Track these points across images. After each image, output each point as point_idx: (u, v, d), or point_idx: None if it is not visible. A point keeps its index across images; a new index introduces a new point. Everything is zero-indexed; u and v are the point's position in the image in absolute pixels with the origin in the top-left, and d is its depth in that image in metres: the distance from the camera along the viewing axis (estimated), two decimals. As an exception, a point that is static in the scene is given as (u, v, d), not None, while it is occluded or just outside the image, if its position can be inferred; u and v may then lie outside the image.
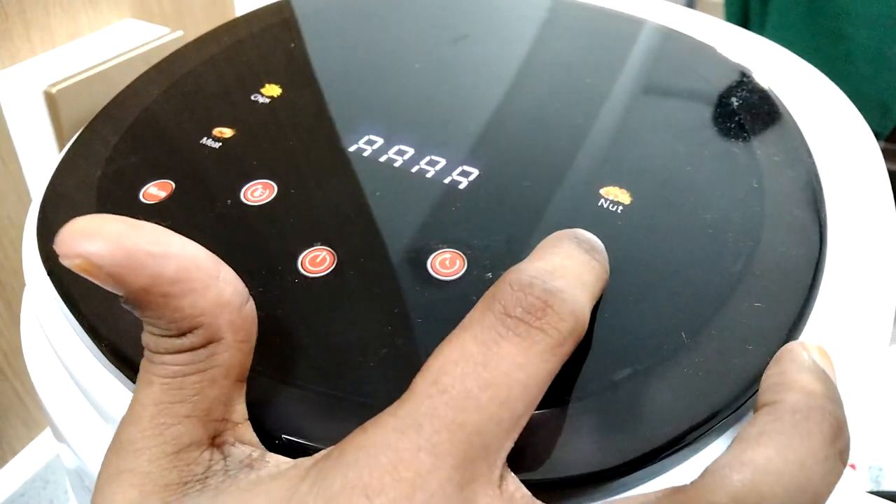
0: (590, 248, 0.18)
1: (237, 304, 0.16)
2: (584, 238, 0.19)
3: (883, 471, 0.73)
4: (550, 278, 0.16)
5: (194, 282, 0.15)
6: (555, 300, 0.16)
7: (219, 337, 0.16)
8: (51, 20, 0.43)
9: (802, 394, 0.16)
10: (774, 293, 0.21)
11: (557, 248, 0.18)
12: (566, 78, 0.30)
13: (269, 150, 0.26)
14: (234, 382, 0.16)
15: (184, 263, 0.15)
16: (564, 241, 0.18)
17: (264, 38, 0.33)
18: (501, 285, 0.16)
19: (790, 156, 0.25)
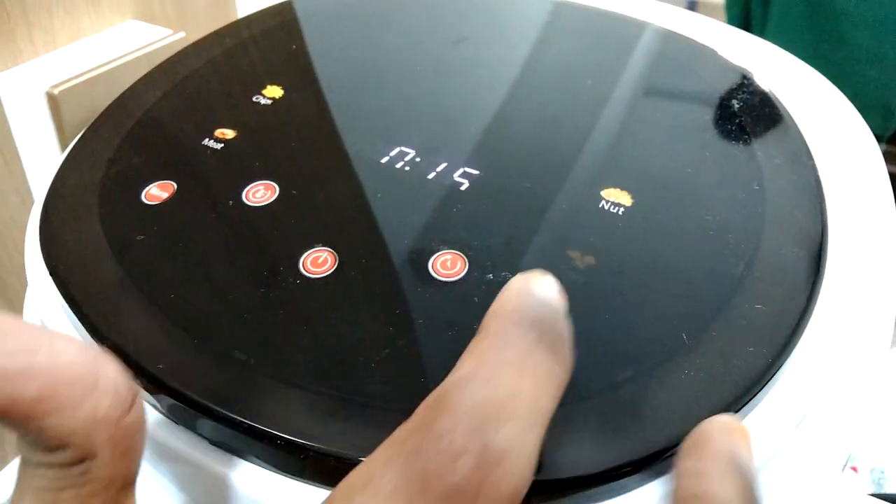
0: (552, 342, 0.15)
1: (115, 418, 0.14)
2: (547, 323, 0.15)
3: (885, 473, 0.73)
4: (494, 431, 0.13)
5: (62, 399, 0.13)
6: (489, 478, 0.13)
7: (93, 454, 0.14)
8: (53, 21, 0.43)
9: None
10: (775, 295, 0.21)
11: (509, 349, 0.14)
12: (567, 80, 0.30)
13: (270, 151, 0.26)
14: (119, 491, 0.15)
15: (49, 380, 0.13)
16: (521, 333, 0.14)
17: (266, 40, 0.33)
18: (425, 441, 0.13)
19: (791, 158, 0.25)
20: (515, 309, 0.15)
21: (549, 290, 0.16)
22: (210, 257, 0.22)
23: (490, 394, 0.13)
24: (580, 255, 0.22)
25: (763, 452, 0.19)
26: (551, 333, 0.15)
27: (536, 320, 0.15)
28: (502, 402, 0.13)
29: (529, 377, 0.14)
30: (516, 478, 0.13)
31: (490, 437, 0.13)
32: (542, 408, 0.14)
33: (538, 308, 0.15)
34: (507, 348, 0.14)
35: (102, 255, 0.22)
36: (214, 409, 0.19)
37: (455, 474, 0.12)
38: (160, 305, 0.21)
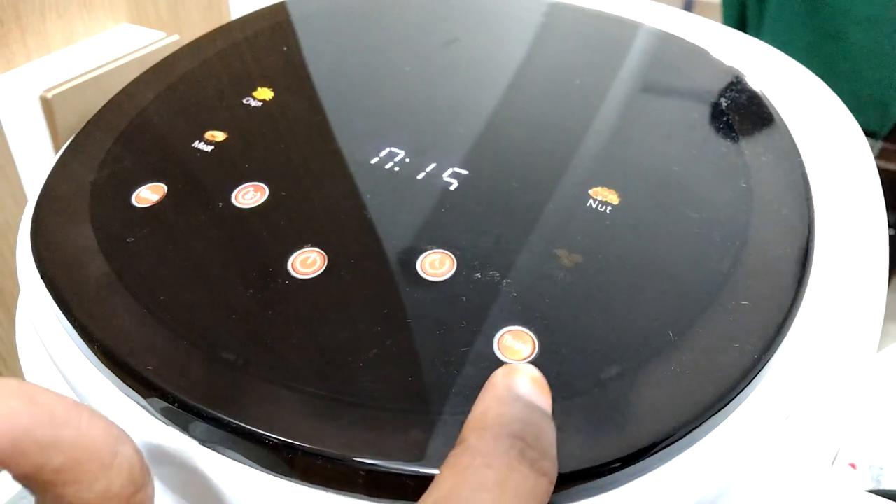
0: (537, 457, 0.15)
1: (127, 495, 0.15)
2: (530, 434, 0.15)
3: (884, 470, 0.73)
4: None
5: (82, 473, 0.14)
6: None
7: None
8: (46, 25, 0.43)
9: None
10: (761, 292, 0.21)
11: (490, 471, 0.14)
12: (557, 80, 0.30)
13: (260, 152, 0.26)
14: None
15: (74, 454, 0.14)
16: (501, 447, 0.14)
17: (258, 42, 0.34)
18: None
19: (778, 156, 0.25)
20: (497, 420, 0.15)
21: (532, 389, 0.16)
22: (200, 259, 0.22)
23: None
24: (567, 253, 0.22)
25: (751, 446, 0.19)
26: (535, 446, 0.15)
27: (519, 434, 0.15)
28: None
29: (509, 499, 0.14)
30: None
31: None
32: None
33: (522, 418, 0.15)
34: (487, 469, 0.14)
35: (93, 258, 0.23)
36: (203, 409, 0.19)
37: None
38: (149, 307, 0.21)
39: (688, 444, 0.18)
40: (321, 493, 0.18)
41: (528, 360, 0.19)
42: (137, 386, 0.20)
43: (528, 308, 0.20)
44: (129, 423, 0.20)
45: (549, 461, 0.15)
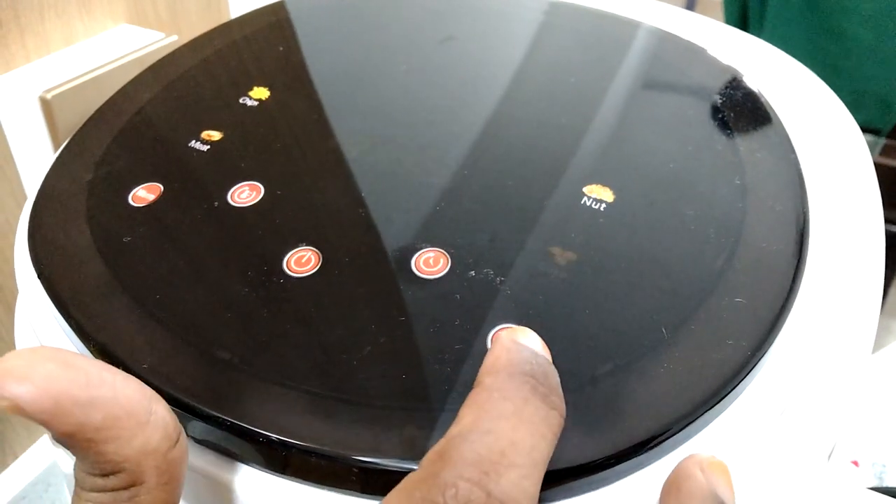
0: (547, 392, 0.16)
1: (164, 450, 0.16)
2: (541, 375, 0.16)
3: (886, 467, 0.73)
4: (496, 479, 0.14)
5: (121, 430, 0.15)
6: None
7: (141, 481, 0.16)
8: (45, 26, 0.43)
9: None
10: (755, 288, 0.21)
11: (507, 402, 0.15)
12: (552, 78, 0.30)
13: (256, 152, 0.26)
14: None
15: (112, 411, 0.15)
16: (517, 385, 0.16)
17: (255, 41, 0.34)
18: (432, 492, 0.14)
19: (773, 153, 0.25)
20: (509, 363, 0.16)
21: (536, 343, 0.18)
22: (195, 258, 0.22)
23: (490, 445, 0.15)
24: (561, 251, 0.22)
25: (746, 441, 0.19)
26: (544, 384, 0.16)
27: (529, 372, 0.16)
28: (502, 452, 0.14)
29: (526, 427, 0.15)
30: None
31: (492, 485, 0.14)
32: (539, 455, 0.15)
33: (530, 361, 0.17)
34: (504, 401, 0.15)
35: (90, 258, 0.23)
36: (198, 408, 0.19)
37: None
38: (146, 306, 0.21)
39: (682, 440, 0.19)
40: (317, 491, 0.18)
41: (522, 357, 0.19)
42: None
43: (522, 305, 0.20)
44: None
45: (558, 397, 0.16)
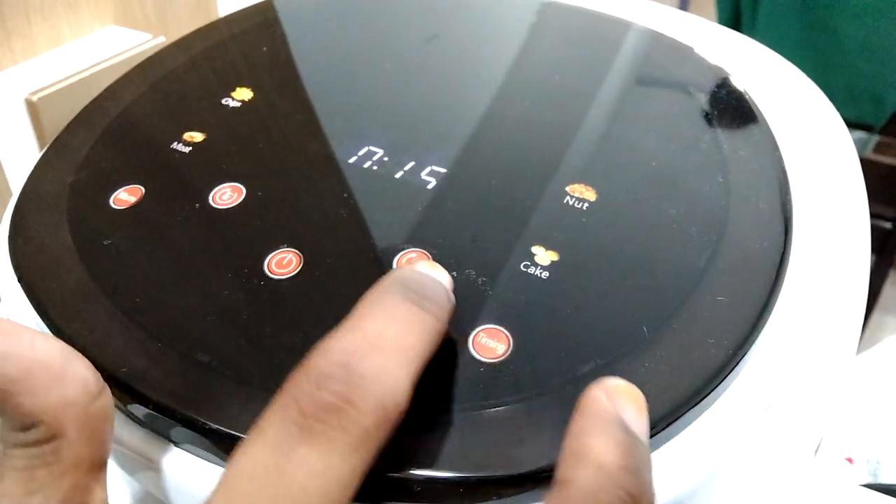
0: (419, 298, 0.17)
1: (83, 403, 0.16)
2: (413, 284, 0.17)
3: (881, 464, 0.73)
4: (358, 361, 0.15)
5: (36, 382, 0.15)
6: (355, 393, 0.15)
7: (61, 434, 0.16)
8: (32, 28, 0.43)
9: (594, 469, 0.14)
10: (737, 287, 0.21)
11: (377, 306, 0.16)
12: (536, 77, 0.30)
13: (238, 153, 0.26)
14: (88, 472, 0.16)
15: (26, 364, 0.15)
16: (389, 293, 0.17)
17: (240, 41, 0.33)
18: (299, 375, 0.15)
19: (757, 150, 0.25)
20: (387, 278, 0.18)
21: (428, 267, 0.18)
22: (175, 261, 0.22)
23: (356, 336, 0.16)
24: (543, 250, 0.22)
25: (728, 437, 0.19)
26: (419, 291, 0.17)
27: (405, 283, 0.17)
28: (367, 342, 0.15)
29: (395, 323, 0.16)
30: (380, 397, 0.15)
31: (354, 364, 0.15)
32: (406, 343, 0.16)
33: (409, 275, 0.18)
34: (375, 305, 0.16)
35: (70, 261, 0.22)
36: (177, 411, 0.19)
37: (323, 393, 0.15)
38: (125, 309, 0.21)
39: (663, 439, 0.18)
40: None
41: (503, 357, 0.19)
42: (112, 388, 0.20)
43: (504, 306, 0.20)
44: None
45: (435, 305, 0.17)
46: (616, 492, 0.14)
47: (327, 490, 0.14)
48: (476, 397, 0.18)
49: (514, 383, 0.19)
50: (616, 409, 0.16)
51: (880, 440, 0.74)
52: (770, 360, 0.21)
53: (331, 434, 0.14)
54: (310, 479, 0.14)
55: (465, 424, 0.18)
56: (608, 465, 0.14)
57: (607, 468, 0.14)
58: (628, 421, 0.15)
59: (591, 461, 0.15)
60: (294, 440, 0.14)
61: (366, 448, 0.15)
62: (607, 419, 0.15)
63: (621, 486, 0.14)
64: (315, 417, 0.14)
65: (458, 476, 0.17)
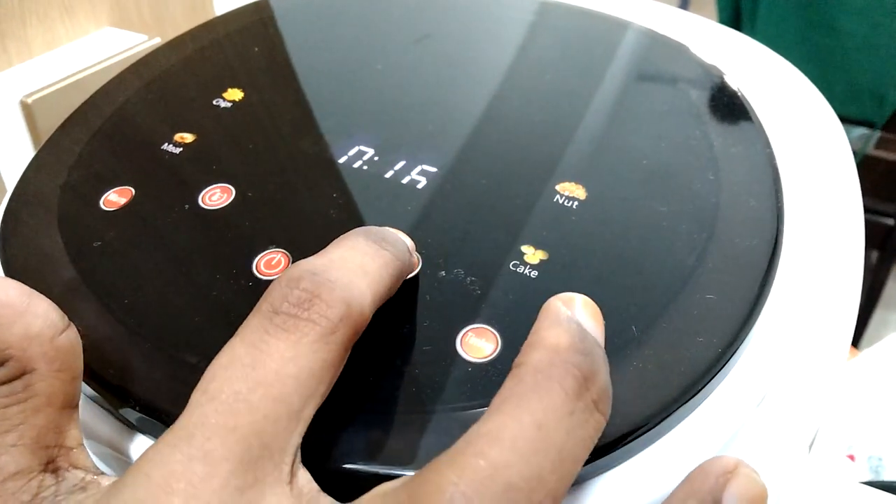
0: (379, 240, 0.18)
1: (48, 336, 0.16)
2: (375, 231, 0.19)
3: (883, 461, 0.73)
4: (324, 270, 0.16)
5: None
6: (322, 289, 0.16)
7: (31, 368, 0.16)
8: (27, 30, 0.43)
9: (546, 351, 0.15)
10: (727, 285, 0.21)
11: (342, 242, 0.18)
12: (528, 76, 0.30)
13: (228, 154, 0.26)
14: (61, 410, 0.17)
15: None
16: (352, 236, 0.18)
17: (234, 41, 0.33)
18: (272, 285, 0.16)
19: (748, 147, 0.25)
20: (354, 229, 0.19)
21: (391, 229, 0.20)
22: (165, 262, 0.22)
23: (322, 258, 0.17)
24: (533, 250, 0.22)
25: (720, 434, 0.19)
26: (378, 235, 0.19)
27: (367, 231, 0.19)
28: (331, 260, 0.17)
29: (356, 252, 0.18)
30: (343, 295, 0.16)
31: (322, 273, 0.16)
32: (368, 268, 0.17)
33: (370, 227, 0.19)
34: (337, 244, 0.18)
35: (60, 262, 0.23)
36: (165, 412, 0.19)
37: (294, 290, 0.16)
38: (114, 311, 0.21)
39: (652, 438, 0.18)
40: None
41: (491, 357, 0.19)
42: (100, 389, 0.20)
43: (492, 305, 0.20)
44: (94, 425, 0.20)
45: (396, 247, 0.19)
46: (567, 367, 0.15)
47: (298, 377, 0.15)
48: (464, 397, 0.18)
49: (502, 383, 0.18)
50: (571, 311, 0.16)
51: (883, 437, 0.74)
52: (762, 356, 0.20)
53: (300, 325, 0.15)
54: (282, 366, 0.15)
55: (452, 424, 0.18)
56: (559, 346, 0.15)
57: (558, 349, 0.15)
58: (581, 320, 0.16)
59: (544, 345, 0.15)
60: (267, 335, 0.15)
61: (333, 340, 0.16)
62: (562, 317, 0.16)
63: (573, 363, 0.15)
64: (286, 312, 0.16)
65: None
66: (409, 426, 0.18)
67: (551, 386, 0.14)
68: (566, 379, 0.14)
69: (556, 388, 0.14)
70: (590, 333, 0.16)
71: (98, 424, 0.20)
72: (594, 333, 0.16)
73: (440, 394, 0.18)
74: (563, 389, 0.14)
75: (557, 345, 0.15)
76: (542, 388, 0.14)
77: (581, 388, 0.14)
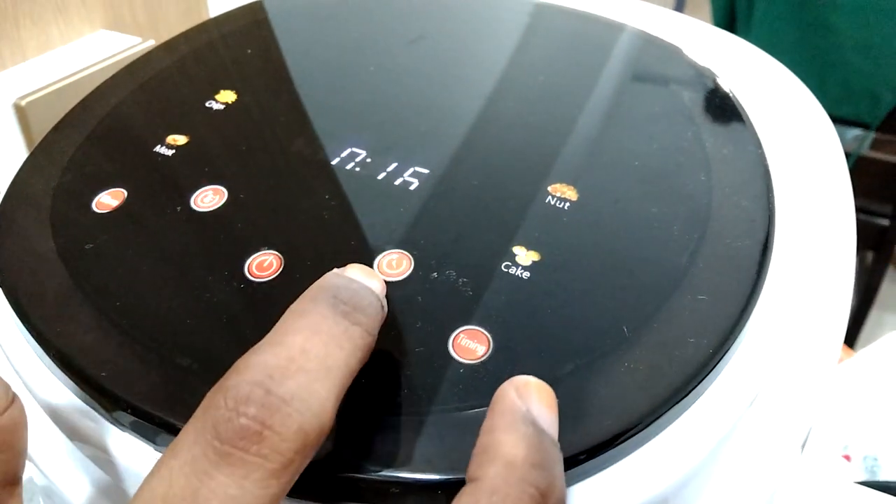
0: (349, 310, 0.16)
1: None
2: (344, 294, 0.16)
3: (878, 461, 0.73)
4: (279, 382, 0.14)
5: None
6: (275, 418, 0.14)
7: None
8: (21, 33, 0.43)
9: (502, 465, 0.14)
10: (719, 285, 0.21)
11: (304, 320, 0.16)
12: (520, 77, 0.30)
13: (220, 156, 0.26)
14: (2, 487, 0.16)
15: None
16: (317, 305, 0.16)
17: (228, 43, 0.33)
18: (217, 395, 0.14)
19: (740, 149, 0.25)
20: (315, 286, 0.17)
21: (359, 273, 0.18)
22: (157, 264, 0.22)
23: (279, 353, 0.15)
24: (525, 251, 0.22)
25: (711, 434, 0.19)
26: (349, 301, 0.16)
27: (335, 292, 0.16)
28: (290, 359, 0.15)
29: (320, 337, 0.15)
30: (300, 421, 0.14)
31: (275, 386, 0.14)
32: (333, 362, 0.15)
33: (340, 284, 0.17)
34: (300, 318, 0.16)
35: (52, 265, 0.22)
36: (157, 415, 0.19)
37: (241, 418, 0.14)
38: (106, 314, 0.21)
39: (644, 439, 0.18)
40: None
41: (483, 358, 0.19)
42: (93, 392, 0.20)
43: (484, 307, 0.20)
44: (86, 428, 0.20)
45: (365, 316, 0.16)
46: (524, 487, 0.14)
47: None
48: (455, 399, 0.18)
49: (494, 384, 0.18)
50: (526, 405, 0.15)
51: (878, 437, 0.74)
52: (754, 357, 0.21)
53: (249, 461, 0.14)
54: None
55: (444, 426, 0.18)
56: (515, 461, 0.14)
57: (514, 464, 0.14)
58: (537, 416, 0.15)
59: (500, 457, 0.14)
60: (211, 465, 0.14)
61: (286, 474, 0.14)
62: (516, 415, 0.15)
63: (529, 481, 0.14)
64: (232, 443, 0.14)
65: (439, 478, 0.17)
66: (399, 428, 0.18)
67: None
68: (523, 499, 0.14)
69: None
70: (545, 432, 0.15)
71: (90, 427, 0.20)
72: (548, 427, 0.16)
73: (431, 395, 0.18)
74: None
75: (514, 459, 0.14)
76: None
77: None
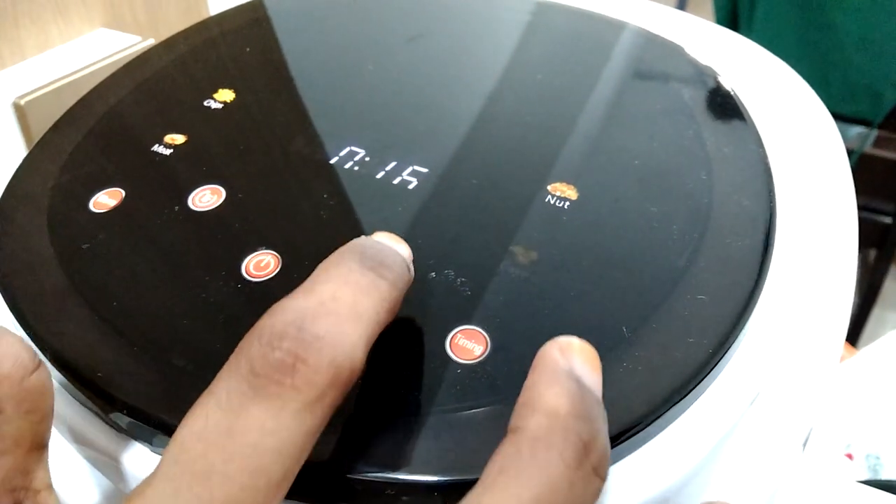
0: (375, 265, 0.16)
1: (18, 377, 0.16)
2: (371, 252, 0.17)
3: (881, 459, 0.73)
4: (311, 321, 0.15)
5: None
6: (309, 352, 0.14)
7: None
8: (20, 32, 0.43)
9: (544, 416, 0.14)
10: (719, 285, 0.21)
11: (333, 271, 0.16)
12: (520, 76, 0.30)
13: (218, 155, 0.26)
14: (29, 451, 0.16)
15: None
16: (345, 260, 0.16)
17: (227, 41, 0.33)
18: (251, 336, 0.15)
19: (741, 148, 0.25)
20: (345, 246, 0.17)
21: (387, 238, 0.18)
22: (154, 264, 0.22)
23: (309, 298, 0.15)
24: (523, 250, 0.22)
25: (712, 433, 0.19)
26: (376, 258, 0.17)
27: (362, 251, 0.17)
28: (321, 303, 0.15)
29: (350, 287, 0.16)
30: (332, 355, 0.14)
31: (307, 325, 0.15)
32: (362, 308, 0.15)
33: (367, 243, 0.17)
34: (330, 270, 0.16)
35: (49, 265, 0.22)
36: (153, 416, 0.18)
37: (276, 352, 0.14)
38: (103, 314, 0.21)
39: (642, 440, 0.18)
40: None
41: (480, 359, 0.19)
42: (89, 393, 0.19)
43: (482, 307, 0.20)
44: (84, 429, 0.20)
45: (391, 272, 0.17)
46: (567, 435, 0.14)
47: (280, 450, 0.14)
48: (453, 399, 0.18)
49: (492, 385, 0.18)
50: (569, 363, 0.15)
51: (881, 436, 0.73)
52: (755, 355, 0.20)
53: (283, 393, 0.14)
54: (262, 438, 0.14)
55: (441, 426, 0.18)
56: (559, 411, 0.14)
57: (557, 414, 0.14)
58: (580, 374, 0.15)
59: (541, 408, 0.14)
60: (246, 399, 0.14)
61: (320, 407, 0.14)
62: (559, 371, 0.15)
63: (574, 430, 0.14)
64: (267, 376, 0.14)
65: (435, 479, 0.17)
66: (396, 429, 0.18)
67: (550, 458, 0.14)
68: (566, 449, 0.14)
69: (556, 459, 0.14)
70: (589, 390, 0.15)
71: (88, 429, 0.20)
72: (593, 386, 0.15)
73: (429, 395, 0.18)
74: (563, 461, 0.14)
75: (557, 409, 0.14)
76: (541, 461, 0.14)
77: (581, 456, 0.14)
